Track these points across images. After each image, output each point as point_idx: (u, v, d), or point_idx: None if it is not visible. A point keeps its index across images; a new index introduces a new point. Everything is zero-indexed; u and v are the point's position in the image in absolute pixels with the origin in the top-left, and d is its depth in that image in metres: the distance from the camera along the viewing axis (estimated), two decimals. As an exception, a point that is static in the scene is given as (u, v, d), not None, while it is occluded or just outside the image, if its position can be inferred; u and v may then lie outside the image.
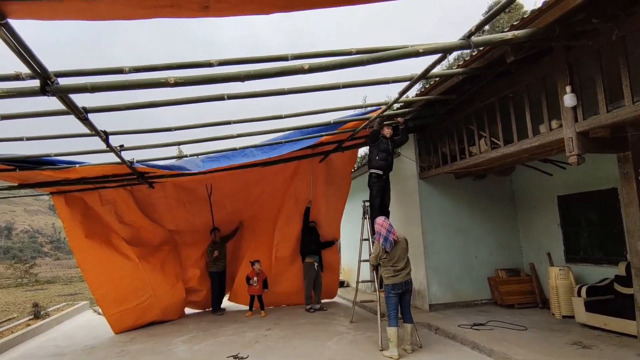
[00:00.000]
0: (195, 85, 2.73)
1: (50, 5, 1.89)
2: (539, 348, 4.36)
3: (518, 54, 3.81)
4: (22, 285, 36.46)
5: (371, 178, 5.88)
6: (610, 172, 5.24)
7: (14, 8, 1.88)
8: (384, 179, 5.87)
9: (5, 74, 2.54)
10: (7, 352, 5.69)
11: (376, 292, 5.41)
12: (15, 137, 3.75)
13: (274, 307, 8.00)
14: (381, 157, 5.76)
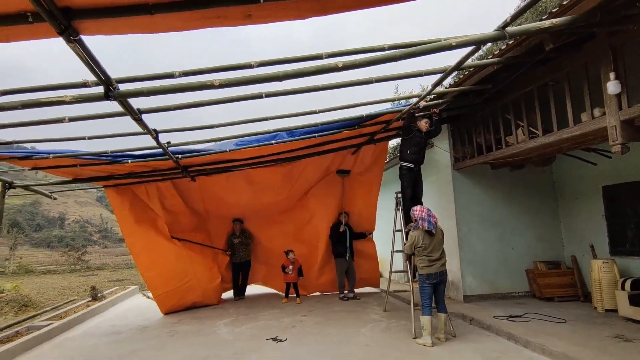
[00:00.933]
0: (238, 86, 2.94)
1: (116, 22, 2.14)
2: (578, 340, 4.29)
3: (557, 41, 3.72)
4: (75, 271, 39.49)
5: (402, 170, 5.91)
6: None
7: (86, 25, 2.16)
8: (415, 171, 5.87)
9: (74, 82, 2.86)
10: (71, 329, 6.33)
11: (409, 282, 5.49)
12: (79, 137, 4.18)
13: (309, 295, 8.27)
14: (413, 151, 5.75)
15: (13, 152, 4.59)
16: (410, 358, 4.18)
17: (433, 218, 4.78)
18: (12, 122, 3.49)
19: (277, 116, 4.42)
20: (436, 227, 4.78)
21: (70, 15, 2.05)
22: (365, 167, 7.84)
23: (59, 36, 2.11)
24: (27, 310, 12.01)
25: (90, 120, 3.77)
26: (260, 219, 8.24)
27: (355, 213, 8.11)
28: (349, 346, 4.70)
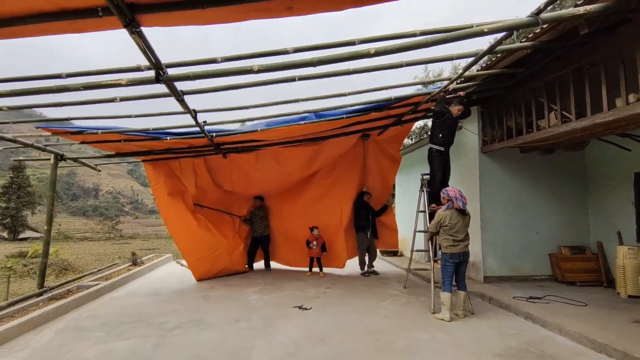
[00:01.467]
0: (275, 71, 3.14)
1: (173, 15, 2.37)
2: (596, 323, 4.40)
3: (592, 26, 3.66)
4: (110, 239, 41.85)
5: (432, 153, 5.96)
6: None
7: (147, 18, 2.40)
8: (445, 154, 5.93)
9: (129, 67, 3.14)
10: (115, 290, 6.98)
11: (430, 262, 5.68)
12: (126, 115, 4.53)
13: (331, 270, 8.61)
14: (444, 135, 5.80)
15: (68, 127, 5.02)
16: (427, 330, 4.44)
17: (464, 199, 4.94)
18: (71, 101, 3.85)
19: (307, 98, 4.60)
20: (464, 207, 4.92)
21: (134, 9, 2.29)
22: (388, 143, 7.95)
23: (123, 28, 2.36)
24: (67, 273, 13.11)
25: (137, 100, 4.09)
26: (284, 197, 8.53)
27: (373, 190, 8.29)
28: (370, 316, 5.01)
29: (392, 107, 5.64)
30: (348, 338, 4.19)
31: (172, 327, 4.63)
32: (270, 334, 4.36)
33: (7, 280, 9.39)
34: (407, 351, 3.81)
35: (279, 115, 5.34)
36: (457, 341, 4.09)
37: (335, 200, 8.17)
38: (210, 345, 4.02)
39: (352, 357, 3.67)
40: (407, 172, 11.27)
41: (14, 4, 2.25)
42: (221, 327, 4.60)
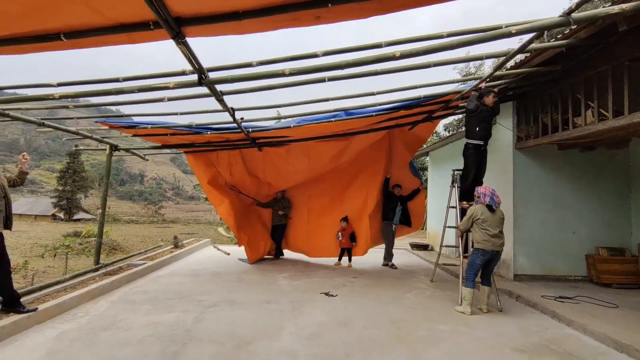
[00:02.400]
0: (305, 74, 3.37)
1: (213, 27, 2.66)
2: (624, 324, 4.32)
3: (632, 23, 3.55)
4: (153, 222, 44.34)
5: (468, 149, 5.68)
6: None
7: (191, 30, 2.71)
8: (483, 149, 5.63)
9: (175, 72, 3.50)
10: (160, 269, 7.64)
11: (460, 257, 5.67)
12: (173, 112, 4.97)
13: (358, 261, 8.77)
14: (482, 127, 5.48)
15: (123, 122, 5.56)
16: (449, 322, 4.57)
17: (496, 197, 4.94)
18: (126, 100, 4.31)
19: (337, 97, 4.80)
20: (498, 206, 4.94)
21: (180, 22, 2.60)
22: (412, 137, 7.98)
23: (171, 39, 2.69)
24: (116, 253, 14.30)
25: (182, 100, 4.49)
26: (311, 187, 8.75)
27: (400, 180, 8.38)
28: (394, 307, 5.20)
29: (423, 104, 5.69)
30: (370, 325, 4.42)
31: (210, 304, 5.09)
32: (298, 316, 4.69)
33: (66, 257, 10.50)
34: (427, 340, 3.98)
35: (310, 114, 5.57)
36: (477, 334, 4.20)
37: (361, 189, 8.30)
38: (242, 322, 4.41)
39: (372, 342, 3.90)
40: (440, 167, 11.18)
41: (78, 20, 2.63)
42: (253, 308, 5.00)
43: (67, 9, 2.44)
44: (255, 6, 2.51)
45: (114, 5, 2.44)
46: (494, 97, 5.44)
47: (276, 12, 2.54)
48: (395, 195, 8.19)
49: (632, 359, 3.62)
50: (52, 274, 10.27)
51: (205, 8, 2.49)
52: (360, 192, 8.33)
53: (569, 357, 3.65)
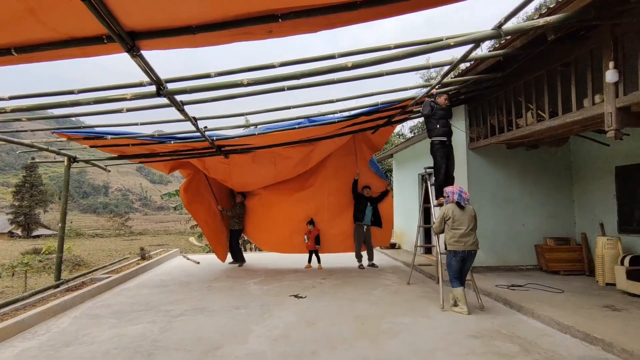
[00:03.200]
0: (263, 84, 3.51)
1: (168, 40, 2.75)
2: (568, 307, 4.74)
3: (558, 33, 3.96)
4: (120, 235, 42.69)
5: (434, 145, 5.94)
6: (669, 144, 5.11)
7: (146, 44, 2.79)
8: (447, 144, 5.90)
9: (132, 83, 3.54)
10: (126, 282, 7.47)
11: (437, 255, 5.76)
12: (133, 123, 4.95)
13: (329, 263, 8.97)
14: (442, 124, 5.81)
15: (81, 132, 5.44)
16: (411, 315, 4.82)
17: (464, 194, 4.96)
18: (83, 112, 4.27)
19: (299, 105, 4.97)
20: (467, 203, 4.96)
21: (134, 36, 2.67)
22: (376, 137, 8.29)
23: (125, 52, 2.76)
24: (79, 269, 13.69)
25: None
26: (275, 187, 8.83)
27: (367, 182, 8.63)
28: (360, 303, 5.41)
29: (381, 110, 5.98)
30: (336, 322, 4.59)
31: (178, 314, 5.08)
32: (267, 319, 4.78)
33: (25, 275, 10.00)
34: (389, 333, 4.20)
35: (275, 121, 5.71)
36: (436, 324, 4.47)
37: (322, 189, 8.56)
38: (210, 328, 4.46)
39: (337, 338, 4.07)
40: (404, 168, 11.60)
41: (30, 35, 2.65)
42: (222, 314, 5.04)
43: (18, 25, 2.46)
44: (208, 21, 2.63)
45: (66, 21, 2.49)
46: (445, 98, 5.82)
47: (229, 26, 2.68)
48: (365, 196, 8.42)
49: (574, 338, 3.99)
50: (10, 294, 9.74)
51: (159, 23, 2.59)
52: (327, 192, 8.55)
53: (517, 339, 3.98)
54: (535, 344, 3.84)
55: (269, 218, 8.98)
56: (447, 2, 2.81)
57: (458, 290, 4.89)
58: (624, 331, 3.85)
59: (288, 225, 8.71)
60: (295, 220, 8.66)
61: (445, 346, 3.78)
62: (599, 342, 3.71)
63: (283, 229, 8.81)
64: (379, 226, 8.58)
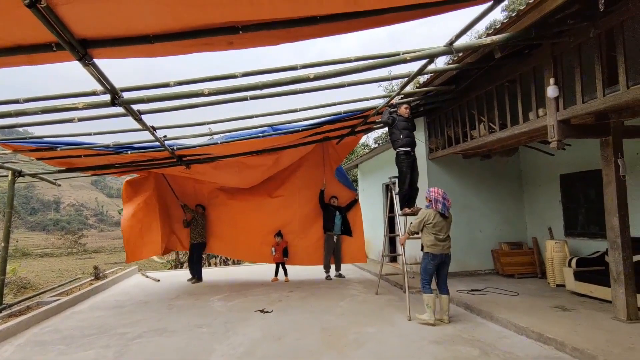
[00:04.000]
0: (224, 94, 3.47)
1: (123, 49, 2.66)
2: (523, 309, 5.00)
3: (505, 51, 4.26)
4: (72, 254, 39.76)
5: (399, 156, 5.96)
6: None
7: (99, 52, 2.68)
8: (412, 154, 5.91)
9: (85, 92, 3.38)
10: (78, 304, 6.96)
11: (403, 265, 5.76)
12: (85, 133, 4.69)
13: (297, 275, 8.89)
14: (405, 135, 5.87)
15: (27, 142, 5.06)
16: (377, 324, 4.86)
17: (448, 202, 4.84)
18: (30, 122, 3.99)
19: (262, 114, 4.95)
20: (448, 211, 4.85)
21: (86, 45, 2.56)
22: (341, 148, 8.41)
23: (77, 60, 2.63)
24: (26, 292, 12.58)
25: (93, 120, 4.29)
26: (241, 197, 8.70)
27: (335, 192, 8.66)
28: (327, 315, 5.38)
29: (344, 120, 6.09)
30: (303, 335, 4.53)
31: (134, 336, 4.79)
32: (231, 337, 4.63)
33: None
34: (355, 343, 4.20)
35: (237, 130, 5.64)
36: (401, 332, 4.54)
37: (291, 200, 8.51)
38: (170, 350, 4.24)
39: (304, 352, 4.01)
40: (368, 177, 11.83)
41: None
42: (183, 334, 4.81)
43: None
44: (165, 30, 2.58)
45: (12, 28, 2.34)
46: (406, 108, 5.98)
47: (188, 37, 2.64)
48: (333, 205, 8.43)
49: (529, 339, 4.19)
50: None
51: (112, 31, 2.50)
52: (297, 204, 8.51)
53: (477, 342, 4.12)
54: (494, 346, 3.99)
55: (237, 228, 8.76)
56: (402, 20, 2.95)
57: (429, 295, 4.75)
58: (574, 330, 4.11)
59: (257, 235, 8.54)
60: (265, 231, 8.52)
61: (410, 354, 3.84)
62: (552, 341, 3.92)
63: (252, 239, 8.63)
64: (348, 235, 8.54)
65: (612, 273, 4.48)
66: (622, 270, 4.29)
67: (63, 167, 6.41)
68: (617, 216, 4.31)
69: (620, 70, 3.62)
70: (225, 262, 15.04)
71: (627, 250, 4.32)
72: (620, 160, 4.31)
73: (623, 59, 3.59)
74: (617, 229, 4.32)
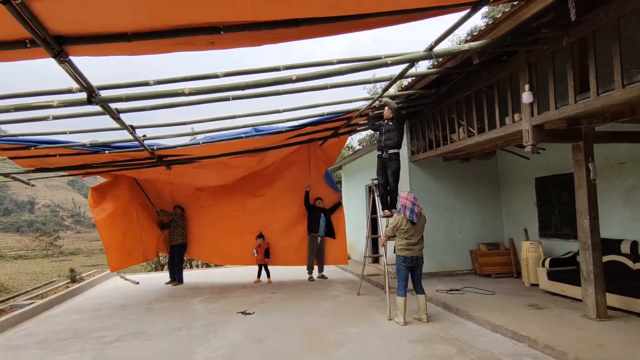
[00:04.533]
0: (205, 94, 3.44)
1: (101, 47, 2.61)
2: (498, 308, 5.14)
3: (482, 57, 4.38)
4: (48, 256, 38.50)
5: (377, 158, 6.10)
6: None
7: (75, 49, 2.61)
8: (385, 157, 5.92)
9: (60, 89, 3.29)
10: (53, 308, 6.74)
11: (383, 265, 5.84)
12: (61, 132, 4.56)
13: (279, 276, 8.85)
14: (379, 140, 5.99)
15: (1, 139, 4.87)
16: (358, 325, 4.91)
17: (417, 207, 4.91)
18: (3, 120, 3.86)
19: (244, 114, 4.93)
20: (419, 216, 4.95)
21: (61, 41, 2.50)
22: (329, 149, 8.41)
23: (52, 58, 2.56)
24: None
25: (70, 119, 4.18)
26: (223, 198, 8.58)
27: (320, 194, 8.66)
28: (309, 316, 5.39)
29: (326, 122, 6.11)
30: (284, 337, 4.53)
31: (112, 340, 4.68)
32: (211, 339, 4.58)
33: None
34: (336, 343, 4.23)
35: (220, 130, 5.59)
36: (381, 332, 4.59)
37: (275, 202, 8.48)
38: (149, 354, 4.16)
39: (285, 353, 4.01)
40: (352, 179, 11.91)
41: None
42: (162, 337, 4.74)
43: None
44: (144, 29, 2.54)
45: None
46: (388, 110, 6.02)
47: (168, 36, 2.61)
48: (318, 207, 8.43)
49: (504, 337, 4.32)
50: None
51: (89, 28, 2.45)
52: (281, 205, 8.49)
53: (454, 341, 4.22)
54: (471, 344, 4.09)
55: (218, 230, 8.64)
56: (385, 24, 3.00)
57: (401, 299, 4.87)
58: (547, 328, 4.25)
59: (238, 237, 8.46)
60: (247, 232, 8.44)
61: (390, 353, 3.89)
62: (525, 339, 4.05)
63: (233, 241, 8.53)
64: (332, 237, 8.55)
65: (582, 273, 4.65)
66: (592, 269, 4.46)
67: (37, 166, 6.21)
68: (588, 218, 4.49)
69: (591, 77, 3.78)
70: (207, 264, 14.87)
71: (597, 250, 4.50)
72: (591, 164, 4.49)
73: (594, 67, 3.74)
74: (588, 230, 4.50)
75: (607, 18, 3.56)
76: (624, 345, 3.67)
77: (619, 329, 4.12)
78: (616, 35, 3.51)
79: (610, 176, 5.71)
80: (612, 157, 5.71)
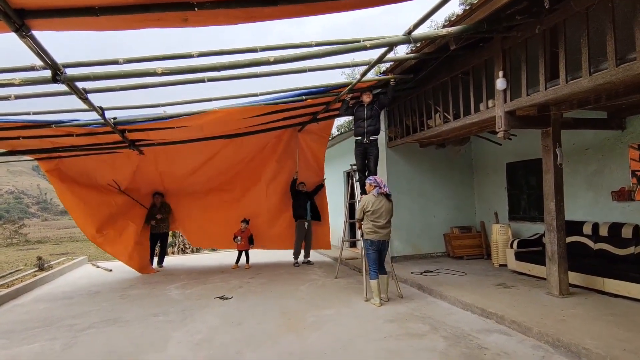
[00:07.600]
0: (179, 75, 3.33)
1: (65, 21, 2.45)
2: (469, 288, 5.37)
3: (459, 43, 4.43)
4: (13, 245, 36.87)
5: (355, 144, 6.19)
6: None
7: (38, 23, 2.45)
8: (365, 143, 5.99)
9: (22, 66, 3.09)
10: (20, 297, 6.49)
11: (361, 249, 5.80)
12: (23, 112, 4.29)
13: (258, 260, 8.88)
14: (357, 125, 6.06)
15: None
16: (335, 306, 5.01)
17: (381, 188, 5.06)
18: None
19: (220, 97, 4.80)
20: (386, 197, 5.08)
21: (23, 15, 2.33)
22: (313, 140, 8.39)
23: (13, 32, 2.39)
24: (-40, 286, 11.52)
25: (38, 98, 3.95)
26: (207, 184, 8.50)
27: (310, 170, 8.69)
28: (286, 300, 5.45)
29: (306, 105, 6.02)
30: (263, 320, 4.56)
31: (84, 327, 4.57)
32: (188, 324, 4.55)
33: None
34: (314, 325, 4.30)
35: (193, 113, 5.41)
36: (357, 313, 4.70)
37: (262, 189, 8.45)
38: (124, 340, 4.10)
39: (263, 336, 4.05)
40: (329, 165, 11.90)
41: None
42: (137, 323, 4.66)
43: None
44: (113, 3, 2.41)
45: None
46: (367, 96, 6.01)
47: (138, 10, 2.48)
48: (302, 192, 8.38)
49: (474, 314, 4.52)
50: None
51: (53, 1, 2.30)
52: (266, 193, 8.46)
53: (428, 319, 4.38)
54: (443, 322, 4.26)
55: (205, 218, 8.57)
56: (363, 6, 2.97)
57: (374, 282, 5.01)
58: (513, 305, 4.48)
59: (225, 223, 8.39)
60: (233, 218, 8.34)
61: (365, 333, 4.00)
62: (493, 316, 4.26)
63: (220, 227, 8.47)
64: (318, 219, 8.47)
65: (547, 253, 4.91)
66: (557, 250, 4.72)
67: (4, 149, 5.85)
68: (554, 201, 4.71)
69: (561, 65, 3.91)
70: (184, 251, 14.67)
71: (562, 232, 4.75)
72: (559, 149, 4.70)
73: (564, 55, 3.87)
74: (554, 212, 4.73)
75: (577, 7, 3.67)
76: (584, 319, 3.93)
77: (580, 305, 4.41)
78: (584, 24, 3.63)
79: (575, 162, 6.00)
80: (577, 143, 5.98)
